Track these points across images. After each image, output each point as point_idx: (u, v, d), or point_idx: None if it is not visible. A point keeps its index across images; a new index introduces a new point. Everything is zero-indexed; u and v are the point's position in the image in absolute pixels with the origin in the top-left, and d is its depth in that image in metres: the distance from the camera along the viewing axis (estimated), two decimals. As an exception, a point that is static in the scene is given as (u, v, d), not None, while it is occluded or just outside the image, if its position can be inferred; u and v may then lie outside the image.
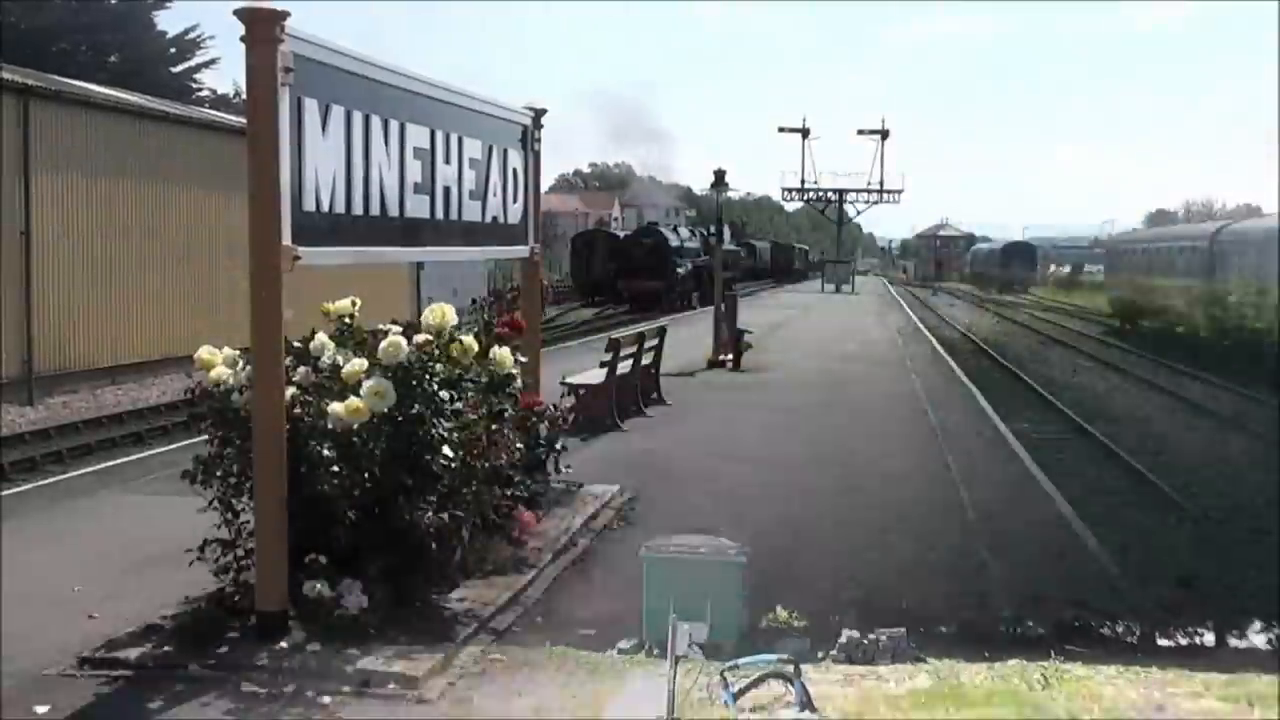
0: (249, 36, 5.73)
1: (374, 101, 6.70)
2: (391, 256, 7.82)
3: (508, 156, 8.72)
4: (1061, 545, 9.53)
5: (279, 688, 5.53)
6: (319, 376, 6.51)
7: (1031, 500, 11.15)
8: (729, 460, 12.31)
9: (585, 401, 13.86)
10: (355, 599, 6.08)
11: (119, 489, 10.87)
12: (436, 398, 6.49)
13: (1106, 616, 7.93)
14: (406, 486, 6.35)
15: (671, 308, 47.31)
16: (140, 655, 5.85)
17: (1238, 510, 13.45)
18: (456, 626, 6.38)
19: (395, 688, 5.59)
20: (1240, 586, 10.09)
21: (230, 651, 5.85)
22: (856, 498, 10.65)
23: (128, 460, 13.54)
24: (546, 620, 6.90)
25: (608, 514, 9.43)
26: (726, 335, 22.14)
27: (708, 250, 50.76)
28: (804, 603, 7.25)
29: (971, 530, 9.47)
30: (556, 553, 8.04)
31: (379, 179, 6.77)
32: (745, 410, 16.37)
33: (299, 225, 5.94)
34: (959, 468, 12.17)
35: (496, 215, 8.57)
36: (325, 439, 6.17)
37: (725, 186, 23.96)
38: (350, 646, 5.88)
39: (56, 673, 5.75)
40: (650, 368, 16.53)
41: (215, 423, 6.45)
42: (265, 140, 5.76)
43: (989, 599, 7.97)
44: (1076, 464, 16.60)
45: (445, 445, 6.45)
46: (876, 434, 14.63)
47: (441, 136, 7.56)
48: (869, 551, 8.81)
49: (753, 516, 9.60)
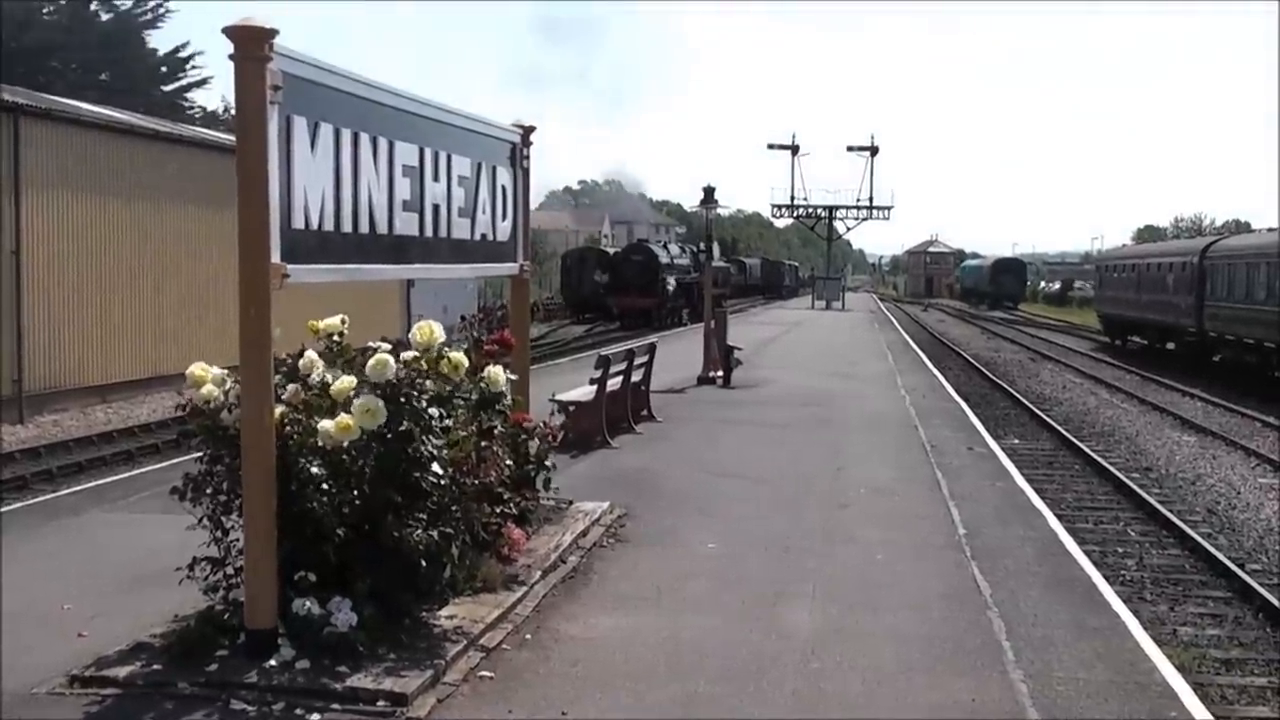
0: (237, 54, 5.75)
1: (363, 119, 6.72)
2: (380, 274, 7.82)
3: (496, 174, 8.74)
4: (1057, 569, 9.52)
5: (268, 706, 5.53)
6: (308, 394, 6.51)
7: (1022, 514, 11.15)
8: (719, 477, 12.32)
9: (575, 418, 13.87)
10: (344, 616, 6.07)
11: (109, 507, 10.85)
12: (426, 415, 6.49)
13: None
14: (396, 504, 6.35)
15: (662, 324, 47.47)
16: (129, 673, 5.84)
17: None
18: (446, 644, 6.37)
19: (384, 705, 5.59)
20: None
21: (219, 669, 5.83)
22: (846, 514, 10.65)
23: (118, 479, 13.51)
24: (536, 637, 6.89)
25: (598, 531, 9.42)
26: (717, 352, 22.16)
27: (698, 267, 50.85)
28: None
29: (959, 548, 9.47)
30: (546, 570, 8.04)
31: (368, 197, 6.78)
32: (735, 427, 16.39)
33: (288, 243, 5.95)
34: (949, 484, 12.19)
35: (485, 232, 8.59)
36: (315, 456, 6.17)
37: (715, 203, 23.98)
38: (339, 664, 5.88)
39: (46, 691, 5.73)
40: (640, 384, 16.55)
41: (205, 440, 6.45)
42: (254, 158, 5.77)
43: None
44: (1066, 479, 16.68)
45: (435, 462, 6.44)
46: (866, 451, 14.65)
47: (430, 154, 7.56)
48: (861, 569, 8.81)
49: (743, 531, 9.67)
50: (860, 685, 6.23)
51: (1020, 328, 62.50)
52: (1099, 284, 55.54)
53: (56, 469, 17.62)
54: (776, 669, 6.43)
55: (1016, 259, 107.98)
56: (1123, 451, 20.33)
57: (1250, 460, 19.27)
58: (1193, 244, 41.59)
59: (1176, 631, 10.38)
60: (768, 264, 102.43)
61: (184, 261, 25.82)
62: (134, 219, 24.72)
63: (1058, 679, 6.38)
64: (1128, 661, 6.82)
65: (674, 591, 7.93)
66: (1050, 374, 35.14)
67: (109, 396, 23.71)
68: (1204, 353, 35.17)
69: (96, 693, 5.70)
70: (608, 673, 6.34)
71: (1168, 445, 21.02)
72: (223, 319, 19.98)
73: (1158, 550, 13.29)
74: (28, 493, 15.25)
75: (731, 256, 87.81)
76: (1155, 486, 16.93)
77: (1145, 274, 42.31)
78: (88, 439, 20.15)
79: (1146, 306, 41.68)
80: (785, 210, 79.99)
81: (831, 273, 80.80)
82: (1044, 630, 7.27)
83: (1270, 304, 28.82)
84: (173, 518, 6.62)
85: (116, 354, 24.19)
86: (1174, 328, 38.28)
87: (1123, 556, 12.91)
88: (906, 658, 6.68)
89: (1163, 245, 56.37)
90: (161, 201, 25.40)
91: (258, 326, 5.86)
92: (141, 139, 25.85)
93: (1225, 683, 9.21)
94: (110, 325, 24.02)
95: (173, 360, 23.01)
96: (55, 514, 10.56)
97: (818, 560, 8.91)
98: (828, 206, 78.37)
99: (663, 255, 54.37)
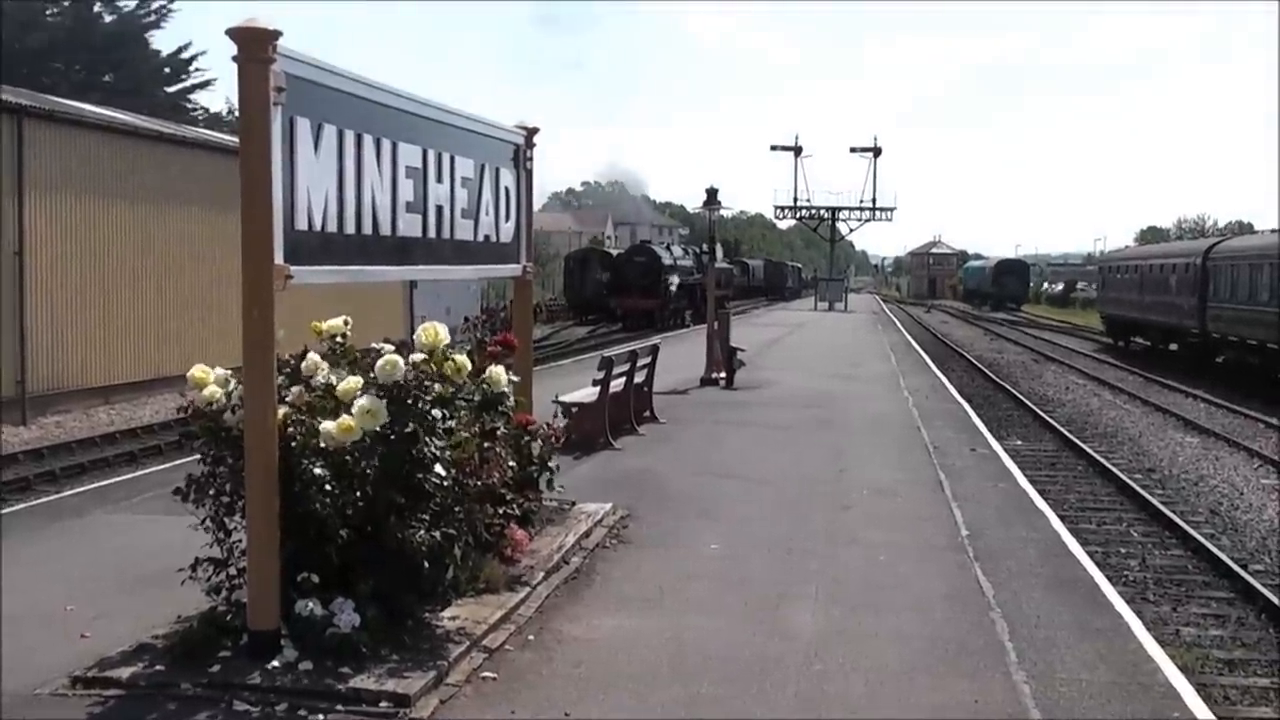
0: (241, 56, 5.74)
1: (366, 120, 6.72)
2: (383, 275, 7.82)
3: (500, 175, 8.73)
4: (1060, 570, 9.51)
5: (271, 707, 5.53)
6: (311, 395, 6.51)
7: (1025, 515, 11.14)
8: (722, 478, 12.32)
9: (578, 420, 13.87)
10: (347, 617, 6.07)
11: (112, 508, 10.85)
12: (429, 416, 6.49)
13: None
14: (399, 505, 6.35)
15: (665, 326, 47.46)
16: (132, 674, 5.84)
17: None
18: (449, 645, 6.37)
19: (387, 706, 5.59)
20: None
21: (222, 670, 5.83)
22: (849, 515, 10.65)
23: (121, 480, 13.52)
24: (538, 639, 6.89)
25: (600, 532, 9.43)
26: (720, 353, 22.16)
27: (701, 268, 50.87)
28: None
29: (962, 549, 9.46)
30: (549, 571, 8.04)
31: (371, 198, 6.78)
32: (738, 428, 16.39)
33: (291, 244, 5.95)
34: (951, 485, 12.18)
35: (489, 234, 8.58)
36: (317, 457, 6.17)
37: (718, 204, 24.00)
38: (342, 665, 5.88)
39: (49, 692, 5.74)
40: (643, 386, 16.55)
41: (208, 441, 6.45)
42: (257, 159, 5.77)
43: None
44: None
45: (438, 464, 6.44)
46: (869, 452, 14.65)
47: (434, 155, 7.56)
48: (864, 571, 8.81)
49: (746, 532, 9.68)
50: (863, 686, 6.22)
51: (1023, 329, 62.47)
52: (1102, 285, 55.54)
53: (59, 470, 17.64)
54: (779, 670, 6.42)
55: (1019, 260, 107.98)
56: (1125, 452, 20.31)
57: (1253, 461, 19.25)
58: (1196, 245, 41.59)
59: (1179, 632, 10.37)
60: (770, 265, 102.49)
61: (187, 263, 25.84)
62: (137, 220, 24.75)
63: (1060, 680, 6.38)
64: (1130, 662, 6.81)
65: (677, 593, 7.93)
66: (1053, 375, 35.11)
67: (112, 398, 23.73)
68: (1207, 354, 35.15)
69: (99, 694, 5.70)
70: (610, 674, 6.34)
71: (1170, 446, 20.99)
72: (226, 320, 19.98)
73: (1160, 551, 13.28)
74: (31, 494, 15.27)
75: (735, 258, 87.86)
76: (1158, 487, 16.91)
77: (1148, 275, 42.29)
78: (90, 440, 20.17)
79: (1149, 308, 41.66)
80: (788, 211, 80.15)
81: (834, 274, 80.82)
82: (1047, 631, 7.26)
83: (1273, 305, 28.80)
84: (176, 519, 6.62)
85: (119, 355, 24.22)
86: (1177, 329, 38.25)
87: (1125, 557, 12.89)
88: (909, 659, 6.67)
89: (1165, 246, 56.35)
90: (165, 203, 25.43)
91: (261, 328, 5.86)
92: (145, 140, 25.88)
93: (1228, 683, 9.20)
94: (113, 326, 24.05)
95: (175, 361, 23.03)
96: (58, 515, 10.57)
97: (820, 562, 8.91)
98: (830, 208, 78.50)
99: (665, 257, 54.35)
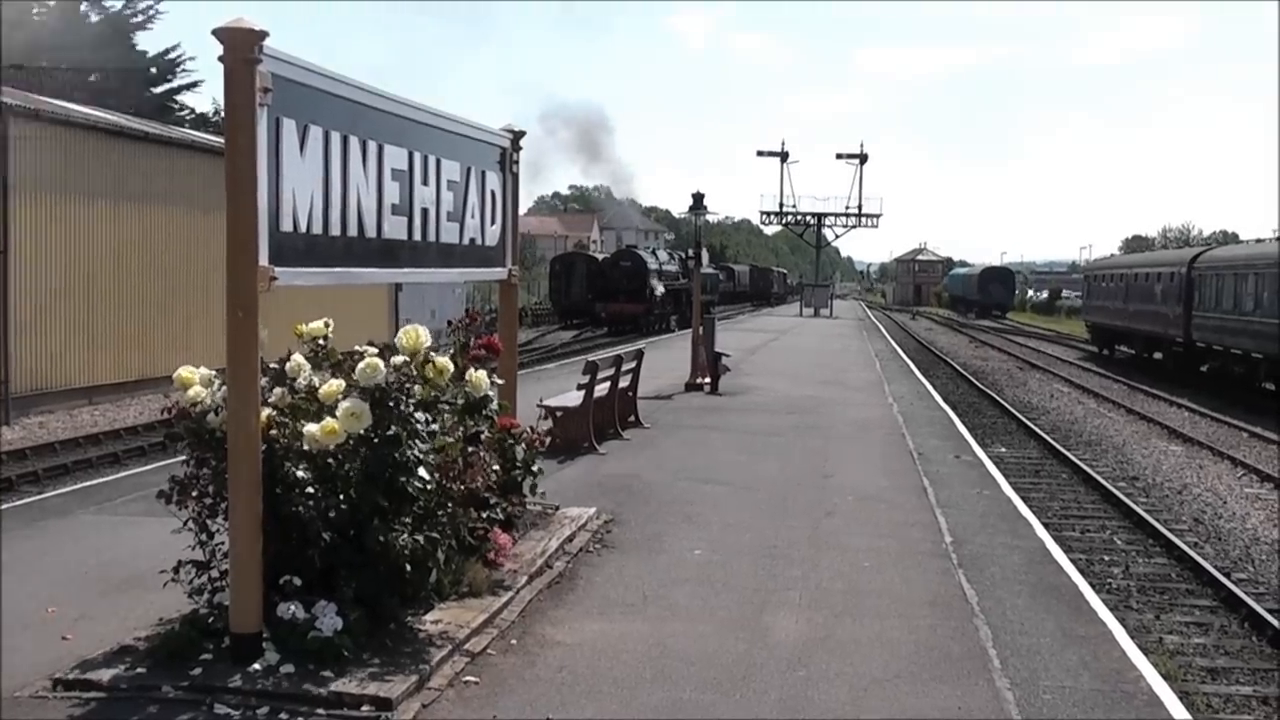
0: (227, 56, 5.73)
1: (352, 122, 6.71)
2: (368, 277, 7.81)
3: (486, 178, 8.73)
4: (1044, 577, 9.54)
5: (252, 710, 5.51)
6: (295, 398, 6.49)
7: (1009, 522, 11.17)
8: (707, 483, 12.31)
9: (563, 424, 13.87)
10: (330, 621, 6.05)
11: (95, 509, 10.80)
12: (412, 419, 6.48)
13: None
14: (382, 508, 6.33)
15: (650, 330, 47.49)
16: (113, 677, 5.81)
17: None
18: (431, 649, 6.36)
19: (369, 710, 5.57)
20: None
21: (204, 673, 5.81)
22: (833, 521, 10.65)
23: (105, 481, 13.46)
24: (521, 643, 6.88)
25: (584, 537, 9.42)
26: (705, 358, 22.17)
27: (686, 273, 50.93)
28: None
29: (946, 556, 9.48)
30: (533, 575, 8.03)
31: (357, 200, 6.76)
32: (722, 434, 16.39)
33: (276, 245, 5.93)
34: (936, 492, 12.20)
35: (474, 237, 8.58)
36: (301, 460, 6.15)
37: (704, 209, 24.01)
38: (324, 668, 5.86)
39: (29, 694, 5.71)
40: (628, 390, 16.55)
41: (191, 443, 6.43)
42: (243, 160, 5.75)
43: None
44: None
45: (421, 467, 6.43)
46: (854, 458, 14.66)
47: (420, 158, 7.55)
48: (848, 576, 8.81)
49: (730, 537, 9.67)
50: (846, 693, 6.23)
51: (1008, 336, 62.65)
52: (1087, 293, 55.72)
53: (42, 471, 17.53)
54: (762, 676, 6.43)
55: (1004, 268, 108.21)
56: (1110, 460, 20.39)
57: (1237, 470, 19.34)
58: (1181, 254, 41.78)
59: (1163, 640, 10.41)
60: (756, 271, 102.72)
61: (171, 264, 25.74)
62: (122, 220, 24.64)
63: (1044, 687, 6.39)
64: (1114, 670, 6.83)
65: (660, 598, 7.93)
66: (1038, 383, 35.25)
67: (95, 398, 23.61)
68: (1191, 363, 35.31)
69: (80, 696, 5.67)
70: (593, 678, 6.33)
71: (1155, 454, 21.08)
72: (210, 321, 19.91)
73: (1144, 559, 13.33)
74: (13, 494, 15.15)
75: (720, 263, 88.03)
76: (1142, 495, 16.98)
77: (1133, 284, 42.45)
78: (74, 441, 20.04)
79: (1134, 316, 41.82)
80: (774, 217, 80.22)
81: (820, 280, 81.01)
82: (1030, 638, 7.28)
83: (1258, 315, 28.96)
84: (159, 520, 6.60)
85: (103, 356, 24.09)
86: (1162, 338, 38.42)
87: (1109, 565, 12.95)
88: (893, 665, 6.68)
89: (1151, 255, 56.59)
90: (149, 203, 25.31)
91: (245, 329, 5.84)
92: (130, 140, 25.75)
93: (1211, 691, 9.25)
94: (97, 327, 23.92)
95: (159, 363, 22.96)
96: (41, 516, 10.51)
97: (804, 567, 8.91)
98: (816, 214, 78.62)
99: (651, 261, 54.39)
